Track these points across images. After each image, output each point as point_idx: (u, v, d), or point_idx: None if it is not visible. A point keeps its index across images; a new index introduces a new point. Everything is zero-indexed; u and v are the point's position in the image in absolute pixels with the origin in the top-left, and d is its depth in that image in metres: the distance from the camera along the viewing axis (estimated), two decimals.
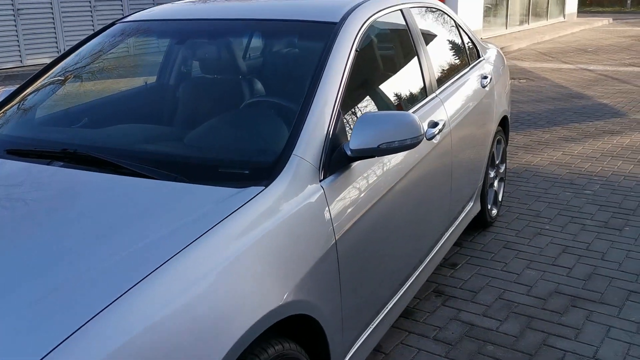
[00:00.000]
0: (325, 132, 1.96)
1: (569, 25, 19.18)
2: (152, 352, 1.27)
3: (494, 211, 3.91)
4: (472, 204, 3.45)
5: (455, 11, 13.76)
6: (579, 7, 23.64)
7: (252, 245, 1.58)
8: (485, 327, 2.80)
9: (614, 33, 17.34)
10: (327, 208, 1.85)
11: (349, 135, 2.06)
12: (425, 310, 2.95)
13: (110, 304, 1.29)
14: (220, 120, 2.19)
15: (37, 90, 2.56)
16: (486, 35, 15.48)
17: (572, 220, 3.99)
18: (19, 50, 12.31)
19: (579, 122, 6.76)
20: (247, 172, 1.83)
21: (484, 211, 3.69)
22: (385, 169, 2.22)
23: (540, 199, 4.38)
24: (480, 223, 3.78)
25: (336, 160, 1.97)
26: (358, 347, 2.16)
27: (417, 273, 2.67)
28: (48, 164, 1.94)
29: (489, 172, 3.72)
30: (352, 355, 2.11)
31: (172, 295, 1.36)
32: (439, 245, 2.93)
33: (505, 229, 3.89)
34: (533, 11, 18.81)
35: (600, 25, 20.13)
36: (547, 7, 19.73)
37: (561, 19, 20.73)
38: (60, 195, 1.75)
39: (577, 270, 3.32)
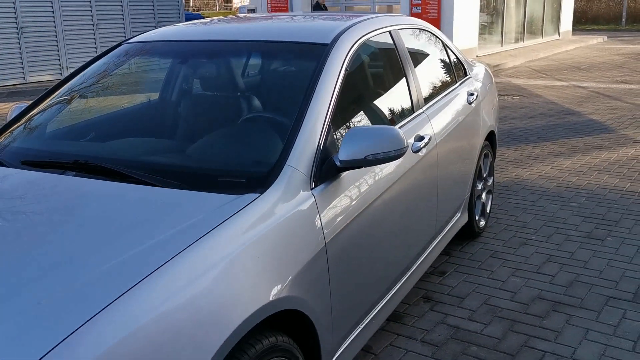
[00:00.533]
0: (317, 144, 2.14)
1: (563, 43, 19.48)
2: (158, 338, 1.43)
3: (482, 222, 4.08)
4: (459, 214, 3.62)
5: (451, 29, 14.04)
6: (574, 25, 23.99)
7: (248, 245, 1.75)
8: (470, 330, 2.95)
9: (607, 51, 17.62)
10: (317, 214, 2.02)
11: (338, 147, 2.23)
12: (413, 315, 3.10)
13: (120, 296, 1.45)
14: (219, 134, 2.37)
15: (48, 106, 2.74)
16: (482, 53, 15.76)
17: (557, 231, 4.15)
18: (22, 68, 12.56)
19: (569, 137, 6.95)
20: (243, 180, 2.00)
21: (471, 222, 3.85)
22: (373, 179, 2.39)
23: (528, 211, 4.55)
24: (468, 234, 3.94)
25: (326, 170, 2.14)
26: (348, 345, 2.31)
27: (405, 278, 2.83)
28: (62, 174, 2.11)
29: (477, 184, 3.89)
30: (342, 352, 2.27)
31: (176, 289, 1.52)
32: (427, 252, 3.10)
33: (492, 239, 4.05)
34: (528, 29, 19.12)
35: (595, 43, 20.44)
36: (543, 25, 20.05)
37: (556, 36, 21.05)
38: (73, 201, 1.92)
39: (560, 277, 3.48)
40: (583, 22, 29.45)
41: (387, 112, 2.78)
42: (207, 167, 2.11)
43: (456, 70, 3.74)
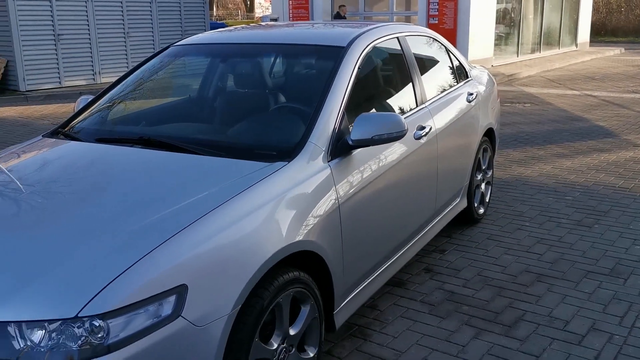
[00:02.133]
0: (333, 127, 2.65)
1: (580, 54, 19.80)
2: (213, 257, 1.95)
3: (481, 210, 4.55)
4: (458, 199, 4.10)
5: (467, 39, 14.50)
6: (592, 37, 24.26)
7: (278, 199, 2.26)
8: (463, 294, 3.43)
9: (623, 62, 17.92)
10: (332, 181, 2.53)
11: (350, 130, 2.74)
12: (415, 282, 3.59)
13: (186, 227, 1.98)
14: (254, 119, 2.91)
15: (111, 98, 3.30)
16: (497, 63, 16.18)
17: (550, 219, 4.61)
18: (58, 73, 13.27)
19: (573, 141, 7.38)
20: (274, 153, 2.52)
21: (470, 208, 4.33)
22: (379, 158, 2.90)
23: (525, 203, 5.01)
24: (468, 219, 4.42)
25: (340, 147, 2.65)
26: (356, 294, 2.81)
27: (406, 247, 3.32)
28: (130, 147, 2.66)
29: (476, 175, 4.37)
30: (351, 298, 2.77)
31: (225, 225, 2.05)
32: (427, 228, 3.59)
33: (490, 225, 4.52)
34: (545, 40, 19.49)
35: (612, 54, 20.72)
36: (559, 36, 20.40)
37: (573, 47, 21.37)
38: (142, 165, 2.46)
39: (547, 256, 3.94)
40: (602, 34, 29.64)
41: (392, 105, 3.29)
42: (246, 142, 2.65)
43: (458, 72, 4.23)
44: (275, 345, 2.22)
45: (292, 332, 2.31)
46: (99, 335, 1.72)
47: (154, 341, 1.79)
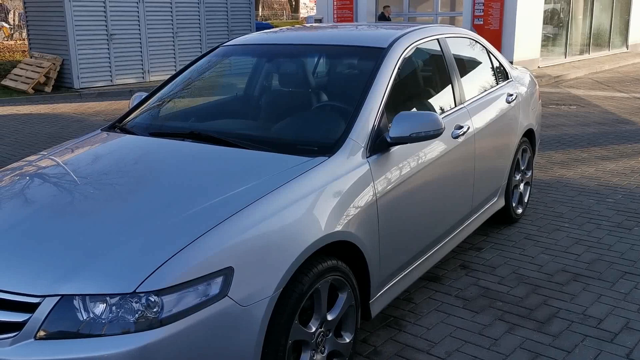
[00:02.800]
0: (372, 124, 2.78)
1: (631, 55, 19.30)
2: (257, 242, 2.10)
3: (519, 210, 4.59)
4: (496, 199, 4.16)
5: (513, 40, 14.35)
6: None
7: (319, 191, 2.40)
8: (498, 291, 3.50)
9: None
10: (371, 175, 2.66)
11: (389, 128, 2.85)
12: (451, 278, 3.68)
13: (235, 213, 2.14)
14: (298, 116, 3.06)
15: (163, 95, 3.51)
16: (544, 64, 15.94)
17: (590, 221, 4.61)
18: (110, 71, 13.75)
19: (618, 144, 7.28)
20: (316, 148, 2.66)
21: (508, 208, 4.38)
22: (417, 155, 3.00)
23: (565, 204, 5.01)
24: (506, 218, 4.46)
25: (379, 144, 2.77)
26: (391, 286, 2.93)
27: (441, 244, 3.41)
28: (182, 140, 2.84)
29: (514, 175, 4.41)
30: (386, 289, 2.88)
31: (270, 213, 2.20)
32: (464, 225, 3.67)
33: (528, 225, 4.56)
34: (594, 41, 19.08)
35: None
36: (609, 37, 19.93)
37: (624, 49, 20.83)
38: (193, 158, 2.64)
39: (585, 256, 3.96)
40: None
41: (431, 104, 3.39)
42: (289, 137, 2.80)
43: (498, 74, 4.29)
44: (314, 329, 2.36)
45: (329, 317, 2.45)
46: (154, 310, 1.89)
47: (202, 318, 1.95)
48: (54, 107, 10.95)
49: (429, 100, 3.42)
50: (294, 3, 43.83)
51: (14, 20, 26.07)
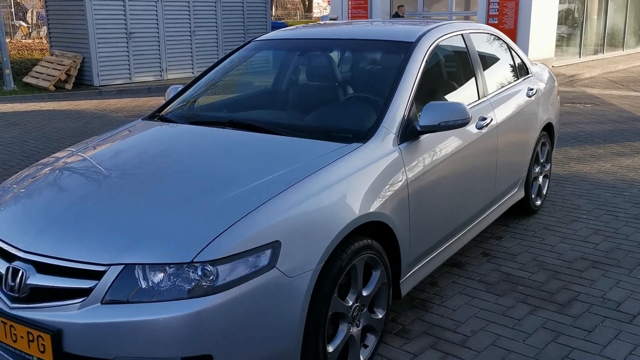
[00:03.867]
0: (403, 114, 2.93)
1: None
2: (299, 220, 2.27)
3: (538, 202, 4.72)
4: (516, 189, 4.29)
5: (527, 40, 14.42)
6: None
7: (354, 175, 2.56)
8: (519, 276, 3.63)
9: None
10: (402, 161, 2.81)
11: (419, 117, 3.00)
12: (473, 264, 3.82)
13: (279, 193, 2.30)
14: (332, 106, 3.22)
15: (199, 87, 3.68)
16: (558, 64, 16.00)
17: (607, 213, 4.73)
18: (129, 69, 13.98)
19: (634, 141, 7.37)
20: (350, 135, 2.82)
21: (527, 199, 4.51)
22: (444, 144, 3.15)
23: (583, 197, 5.13)
24: (525, 209, 4.60)
25: (409, 132, 2.93)
26: (419, 268, 3.08)
27: (465, 230, 3.56)
28: (222, 128, 3.01)
29: (534, 167, 4.55)
30: (414, 271, 3.04)
31: (311, 194, 2.36)
32: (486, 214, 3.81)
33: (547, 216, 4.69)
34: (608, 41, 19.09)
35: None
36: (624, 37, 19.92)
37: (638, 49, 20.80)
38: (236, 144, 2.81)
39: (603, 245, 4.09)
40: None
41: (456, 97, 3.53)
42: (325, 125, 2.96)
43: (519, 68, 4.43)
44: (350, 303, 2.52)
45: (364, 293, 2.61)
46: (210, 279, 2.06)
47: (252, 287, 2.11)
48: (75, 104, 11.18)
49: (454, 93, 3.57)
50: (307, 3, 44.03)
51: (31, 19, 26.45)
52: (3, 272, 2.23)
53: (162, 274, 2.08)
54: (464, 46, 3.74)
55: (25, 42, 21.98)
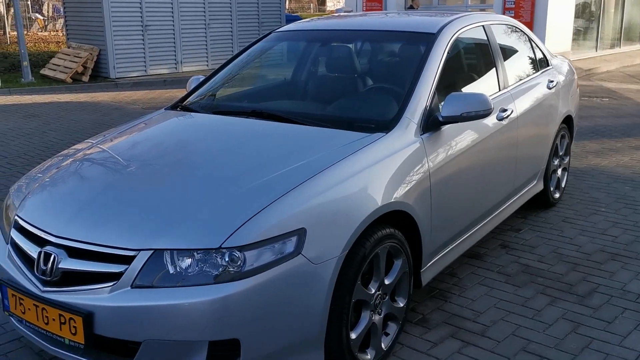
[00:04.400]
0: (425, 104, 2.95)
1: None
2: (326, 208, 2.30)
3: (557, 194, 4.71)
4: (535, 182, 4.29)
5: (544, 33, 14.31)
6: None
7: (377, 164, 2.59)
8: (538, 268, 3.64)
9: None
10: (424, 151, 2.83)
11: (441, 108, 3.01)
12: (492, 256, 3.83)
13: (303, 182, 2.33)
14: (355, 96, 3.25)
15: (221, 77, 3.72)
16: (575, 57, 15.85)
17: (626, 206, 4.71)
18: (144, 61, 14.05)
19: None
20: (373, 125, 2.84)
21: (546, 191, 4.50)
22: (466, 135, 3.16)
23: (601, 190, 5.12)
24: (543, 202, 4.59)
25: (432, 123, 2.94)
26: (439, 258, 3.10)
27: (484, 222, 3.57)
28: (245, 118, 3.04)
29: (553, 160, 4.54)
30: (434, 261, 3.06)
31: (335, 182, 2.39)
32: (505, 205, 3.82)
33: (566, 209, 4.68)
34: (625, 35, 18.87)
35: None
36: None
37: None
38: (260, 133, 2.85)
39: (622, 238, 4.08)
40: None
41: (477, 88, 3.54)
42: (348, 115, 2.99)
43: (539, 61, 4.41)
44: (373, 291, 2.55)
45: (386, 281, 2.63)
46: (237, 264, 2.10)
47: (278, 273, 2.14)
48: (92, 96, 11.28)
49: (475, 84, 3.57)
50: None
51: (47, 12, 26.64)
52: (35, 256, 2.28)
53: (190, 259, 2.12)
54: (485, 38, 3.74)
55: (42, 35, 22.16)
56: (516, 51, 4.15)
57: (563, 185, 4.85)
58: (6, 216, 2.64)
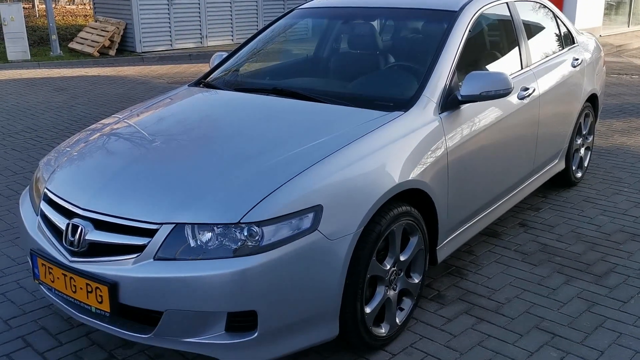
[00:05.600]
0: (445, 83, 2.96)
1: None
2: (343, 185, 2.34)
3: (579, 174, 4.69)
4: (557, 161, 4.27)
5: (574, 7, 13.97)
6: None
7: (396, 142, 2.62)
8: (556, 247, 3.65)
9: None
10: (442, 130, 2.85)
11: (460, 87, 3.02)
12: (510, 234, 3.85)
13: (321, 160, 2.38)
14: (374, 74, 3.27)
15: (244, 54, 3.76)
16: (606, 33, 15.48)
17: None
18: (170, 36, 14.12)
19: None
20: (392, 104, 2.87)
21: (568, 171, 4.48)
22: (485, 114, 3.16)
23: (625, 170, 5.07)
24: (565, 181, 4.57)
25: (451, 102, 2.95)
26: (455, 236, 3.13)
27: (503, 200, 3.58)
28: (266, 95, 3.09)
29: (576, 139, 4.50)
30: (451, 238, 3.09)
31: (354, 160, 2.43)
32: (524, 185, 3.82)
33: (587, 188, 4.65)
34: None
35: None
36: None
37: None
38: (281, 110, 2.90)
39: None
40: None
41: (499, 66, 3.52)
42: (368, 93, 3.02)
43: (564, 38, 4.35)
44: (388, 267, 2.60)
45: (402, 258, 2.68)
46: (255, 239, 2.17)
47: (295, 248, 2.21)
48: (119, 70, 11.41)
49: (497, 62, 3.56)
50: None
51: None
52: (63, 228, 2.38)
53: (211, 233, 2.19)
54: (509, 15, 3.70)
55: (70, 8, 22.36)
56: (540, 29, 4.10)
57: (586, 165, 4.82)
58: (36, 188, 2.75)
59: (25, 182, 4.88)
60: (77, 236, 2.30)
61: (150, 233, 2.22)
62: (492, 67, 3.49)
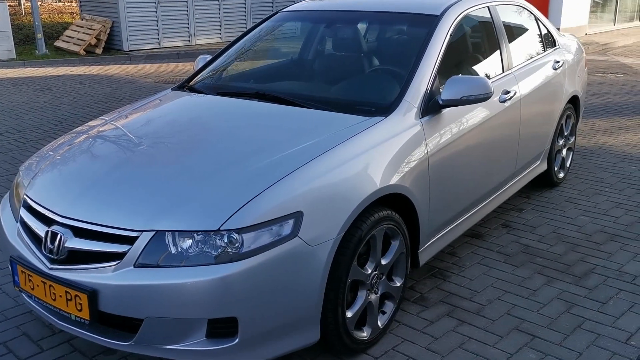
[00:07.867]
0: (426, 87, 2.98)
1: None
2: (323, 191, 2.36)
3: (561, 174, 4.73)
4: (539, 162, 4.31)
5: (560, 6, 14.06)
6: None
7: (376, 148, 2.64)
8: (537, 248, 3.70)
9: None
10: (423, 135, 2.87)
11: (441, 91, 3.04)
12: (493, 235, 3.89)
13: (301, 166, 2.39)
14: (355, 79, 3.28)
15: (228, 57, 3.76)
16: (592, 31, 15.60)
17: (631, 186, 4.72)
18: (158, 34, 14.06)
19: None
20: (373, 109, 2.88)
21: (550, 172, 4.53)
22: (466, 118, 3.19)
23: (607, 170, 5.12)
24: (547, 182, 4.62)
25: (432, 106, 2.98)
26: (438, 238, 3.16)
27: (485, 203, 3.62)
28: (248, 100, 3.10)
29: (557, 140, 4.55)
30: (433, 241, 3.12)
31: (334, 165, 2.45)
32: (507, 186, 3.85)
33: (569, 189, 4.70)
34: None
35: None
36: None
37: None
38: (261, 116, 2.90)
39: (623, 219, 4.11)
40: None
41: (480, 70, 3.55)
42: (348, 98, 3.03)
43: (546, 41, 4.39)
44: (369, 271, 2.62)
45: (383, 262, 2.71)
46: (235, 246, 2.18)
47: (275, 254, 2.22)
48: (105, 69, 11.35)
49: (478, 66, 3.58)
50: None
51: None
52: (42, 235, 2.38)
53: (191, 240, 2.20)
54: (490, 18, 3.73)
55: (56, 6, 22.18)
56: (522, 32, 4.13)
57: (568, 165, 4.87)
58: (16, 194, 2.74)
59: (8, 185, 4.86)
60: (56, 244, 2.30)
61: (130, 240, 2.22)
62: (474, 71, 3.52)
